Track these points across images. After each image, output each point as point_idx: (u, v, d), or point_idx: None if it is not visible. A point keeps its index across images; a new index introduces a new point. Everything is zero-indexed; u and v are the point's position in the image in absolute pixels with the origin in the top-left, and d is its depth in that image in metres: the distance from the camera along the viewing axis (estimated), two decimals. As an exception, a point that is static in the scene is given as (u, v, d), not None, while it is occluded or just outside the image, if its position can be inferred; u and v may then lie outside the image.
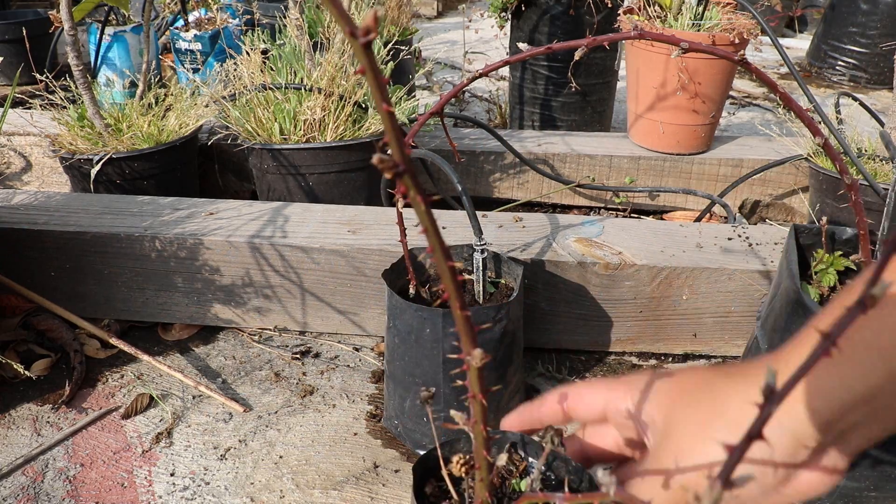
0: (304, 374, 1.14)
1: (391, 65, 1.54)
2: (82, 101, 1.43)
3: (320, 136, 1.41)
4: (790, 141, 1.61)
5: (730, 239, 1.17)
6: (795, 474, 0.42)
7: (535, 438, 0.49)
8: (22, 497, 0.91)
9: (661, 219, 1.70)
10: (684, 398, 0.45)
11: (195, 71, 2.05)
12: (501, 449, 0.51)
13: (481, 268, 0.96)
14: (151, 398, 1.07)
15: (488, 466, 0.40)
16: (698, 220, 1.56)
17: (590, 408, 0.50)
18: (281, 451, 0.98)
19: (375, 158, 0.23)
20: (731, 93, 2.66)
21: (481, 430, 0.37)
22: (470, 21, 3.80)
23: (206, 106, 1.51)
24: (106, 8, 1.89)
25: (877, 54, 2.87)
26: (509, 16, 1.98)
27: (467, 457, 0.46)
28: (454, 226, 1.21)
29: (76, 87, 1.41)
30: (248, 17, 2.16)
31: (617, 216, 1.72)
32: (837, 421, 0.40)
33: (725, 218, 1.62)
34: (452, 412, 0.40)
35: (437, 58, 3.13)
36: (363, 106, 1.44)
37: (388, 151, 0.24)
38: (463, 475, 0.46)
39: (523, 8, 1.89)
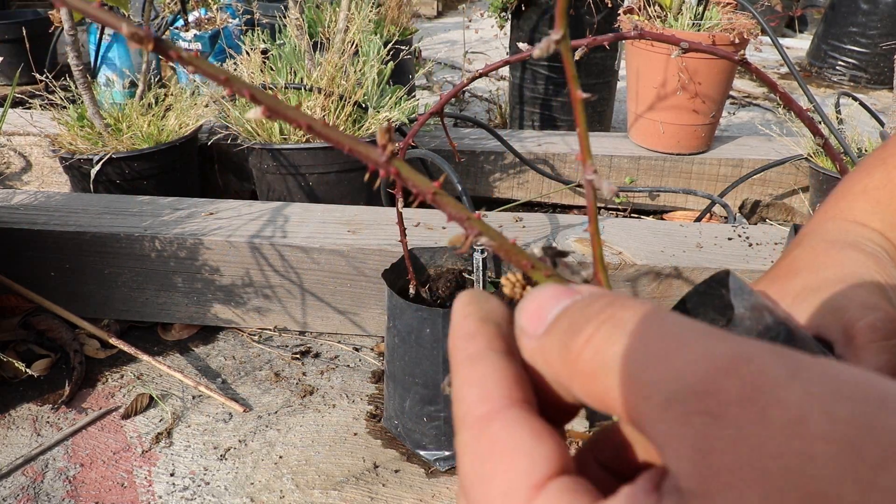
0: (304, 374, 1.14)
1: (391, 65, 1.54)
2: (82, 101, 1.43)
3: (320, 136, 1.41)
4: (790, 141, 1.61)
5: (730, 239, 1.17)
6: None
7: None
8: (22, 497, 0.91)
9: (661, 219, 1.70)
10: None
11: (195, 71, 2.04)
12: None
13: (481, 268, 0.95)
14: (151, 398, 1.07)
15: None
16: (698, 220, 1.56)
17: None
18: (281, 451, 0.98)
19: None
20: (732, 93, 2.66)
21: None
22: (470, 21, 3.80)
23: (206, 106, 1.51)
24: (106, 8, 1.88)
25: (877, 54, 2.86)
26: (509, 16, 1.98)
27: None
28: (454, 226, 1.20)
29: (76, 87, 1.41)
30: (248, 17, 2.16)
31: (617, 216, 1.72)
32: None
33: (725, 218, 1.62)
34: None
35: (437, 58, 3.13)
36: (363, 106, 1.44)
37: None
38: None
39: (523, 8, 1.89)
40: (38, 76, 1.48)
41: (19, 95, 2.05)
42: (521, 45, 0.76)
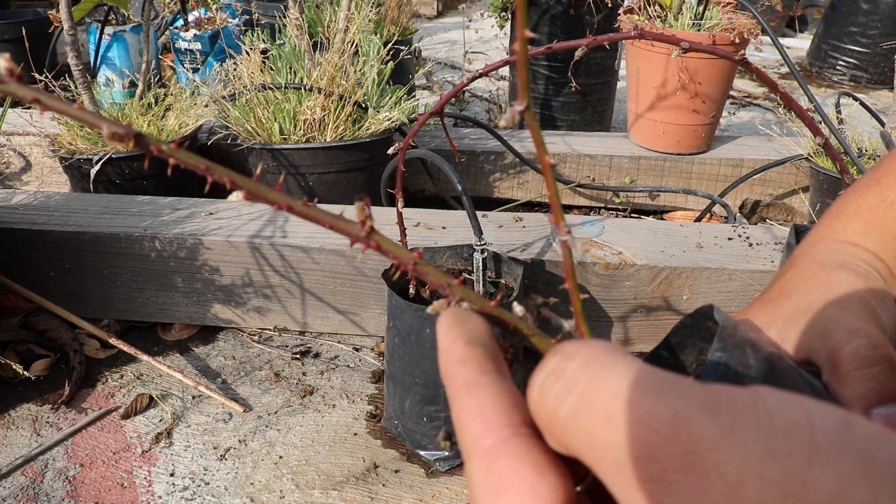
0: (304, 374, 1.14)
1: (391, 65, 1.54)
2: (82, 101, 1.43)
3: (320, 136, 1.41)
4: (790, 141, 1.61)
5: (730, 239, 1.17)
6: None
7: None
8: (21, 497, 0.91)
9: (662, 219, 1.70)
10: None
11: (195, 71, 2.04)
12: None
13: (481, 268, 0.95)
14: (151, 398, 1.07)
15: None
16: (698, 220, 1.56)
17: None
18: (281, 451, 0.98)
19: None
20: (732, 92, 2.65)
21: None
22: (470, 21, 3.80)
23: (206, 106, 1.51)
24: (105, 7, 1.89)
25: (877, 54, 2.86)
26: (509, 15, 1.98)
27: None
28: (454, 226, 1.20)
29: (76, 87, 1.40)
30: (248, 16, 2.16)
31: (617, 216, 1.72)
32: None
33: (725, 218, 1.62)
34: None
35: (437, 58, 3.13)
36: (363, 106, 1.44)
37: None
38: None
39: (523, 8, 1.89)
40: (37, 76, 1.48)
41: (19, 95, 2.04)
42: (521, 44, 0.75)
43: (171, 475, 0.94)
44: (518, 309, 0.27)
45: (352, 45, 1.45)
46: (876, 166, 0.46)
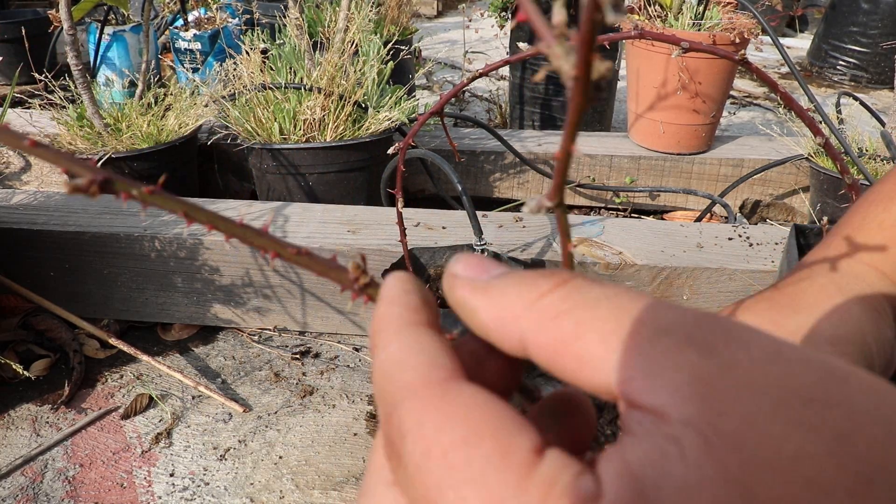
0: (303, 374, 1.14)
1: (391, 65, 1.54)
2: (81, 101, 1.43)
3: (320, 136, 1.41)
4: (791, 141, 1.61)
5: (730, 239, 1.17)
6: None
7: None
8: (21, 497, 0.91)
9: (662, 219, 1.70)
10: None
11: (195, 70, 2.04)
12: None
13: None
14: (151, 398, 1.07)
15: None
16: (699, 220, 1.56)
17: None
18: (281, 451, 0.98)
19: None
20: (732, 92, 2.65)
21: None
22: (470, 21, 3.79)
23: (206, 106, 1.51)
24: (105, 7, 1.88)
25: (878, 54, 2.86)
26: (509, 15, 1.98)
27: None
28: (454, 226, 1.20)
29: (75, 87, 1.40)
30: (248, 16, 2.16)
31: (617, 216, 1.72)
32: None
33: (726, 218, 1.62)
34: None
35: (437, 57, 3.13)
36: (363, 106, 1.44)
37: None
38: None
39: (523, 7, 1.89)
40: (37, 76, 1.48)
41: (18, 95, 2.04)
42: (521, 44, 0.75)
43: (171, 475, 0.94)
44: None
45: (352, 45, 1.45)
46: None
